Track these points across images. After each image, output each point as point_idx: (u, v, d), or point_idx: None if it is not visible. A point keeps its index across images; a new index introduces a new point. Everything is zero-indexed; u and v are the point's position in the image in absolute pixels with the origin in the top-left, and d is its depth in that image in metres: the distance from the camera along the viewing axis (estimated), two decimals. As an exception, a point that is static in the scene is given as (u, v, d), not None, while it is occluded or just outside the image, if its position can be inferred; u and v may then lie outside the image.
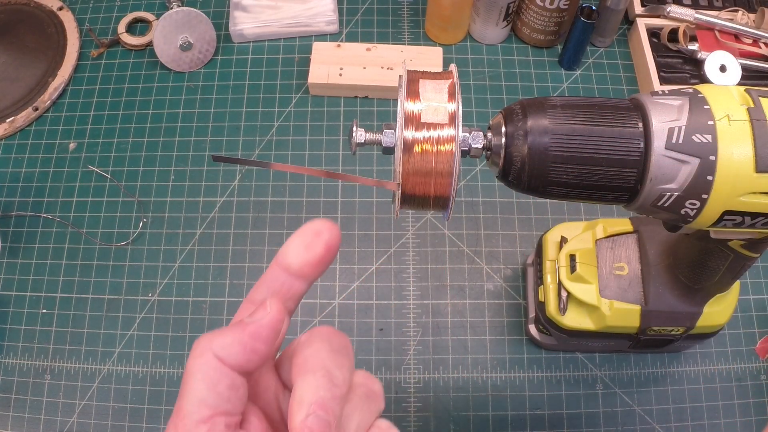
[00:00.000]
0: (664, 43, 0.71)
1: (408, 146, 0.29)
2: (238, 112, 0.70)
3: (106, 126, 0.70)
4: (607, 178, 0.29)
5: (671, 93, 0.30)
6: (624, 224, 0.51)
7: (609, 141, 0.29)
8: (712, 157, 0.28)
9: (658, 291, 0.47)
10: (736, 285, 0.47)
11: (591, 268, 0.49)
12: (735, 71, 0.68)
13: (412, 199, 0.30)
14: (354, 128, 0.30)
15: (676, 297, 0.47)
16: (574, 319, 0.50)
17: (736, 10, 0.72)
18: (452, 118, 0.29)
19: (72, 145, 0.69)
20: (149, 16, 0.75)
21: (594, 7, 0.66)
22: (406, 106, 0.29)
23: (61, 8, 0.76)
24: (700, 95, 0.29)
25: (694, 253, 0.42)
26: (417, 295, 0.61)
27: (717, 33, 0.70)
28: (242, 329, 0.24)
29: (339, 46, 0.71)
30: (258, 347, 0.24)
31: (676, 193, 0.29)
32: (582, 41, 0.68)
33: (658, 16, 0.72)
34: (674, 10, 0.70)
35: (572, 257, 0.50)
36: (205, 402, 0.23)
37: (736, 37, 0.70)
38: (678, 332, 0.49)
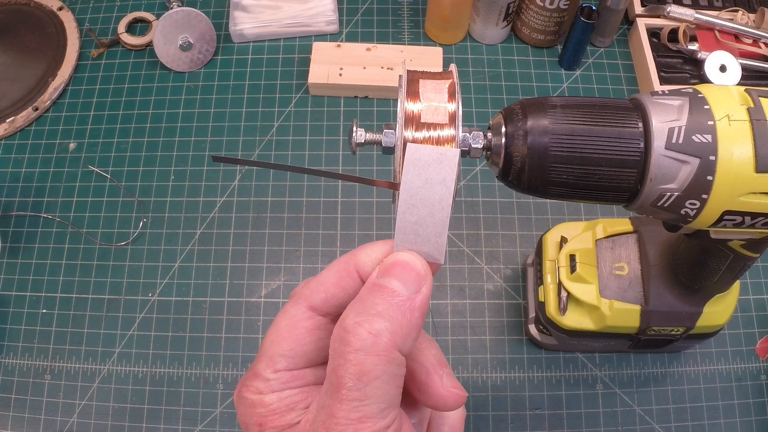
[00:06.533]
0: (664, 43, 0.71)
1: (408, 146, 0.28)
2: (238, 112, 0.70)
3: (106, 126, 0.70)
4: (607, 178, 0.29)
5: (671, 93, 0.30)
6: (624, 224, 0.51)
7: (609, 141, 0.29)
8: (712, 157, 0.28)
9: (658, 291, 0.47)
10: (736, 285, 0.47)
11: (591, 268, 0.49)
12: (735, 71, 0.68)
13: (412, 199, 0.30)
14: (354, 128, 0.30)
15: (676, 297, 0.47)
16: (574, 319, 0.50)
17: (736, 10, 0.72)
18: (452, 118, 0.29)
19: (72, 145, 0.69)
20: (149, 16, 0.75)
21: (594, 7, 0.66)
22: (406, 106, 0.29)
23: (61, 8, 0.76)
24: (700, 95, 0.29)
25: (694, 253, 0.42)
26: (417, 295, 0.61)
27: (717, 33, 0.70)
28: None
29: (339, 46, 0.71)
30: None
31: (676, 193, 0.29)
32: (582, 41, 0.68)
33: (658, 16, 0.72)
34: (674, 10, 0.70)
35: (572, 257, 0.50)
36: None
37: (736, 37, 0.70)
38: (678, 332, 0.49)
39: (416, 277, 0.25)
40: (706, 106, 0.29)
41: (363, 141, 0.31)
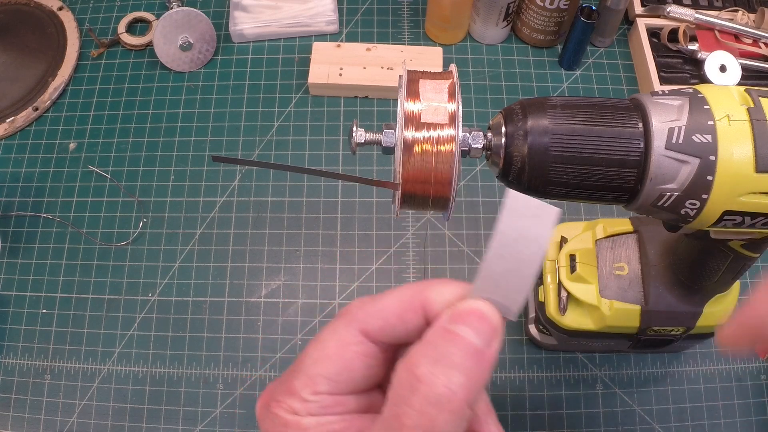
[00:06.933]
0: (664, 43, 0.71)
1: (408, 146, 0.29)
2: (238, 112, 0.70)
3: (106, 126, 0.70)
4: (607, 178, 0.29)
5: (671, 93, 0.30)
6: (624, 224, 0.51)
7: (609, 141, 0.29)
8: (712, 157, 0.28)
9: (658, 291, 0.47)
10: (736, 285, 0.47)
11: (591, 268, 0.49)
12: (735, 71, 0.68)
13: (412, 199, 0.30)
14: (354, 128, 0.30)
15: (676, 297, 0.47)
16: (574, 319, 0.50)
17: (736, 10, 0.72)
18: (452, 118, 0.29)
19: (72, 145, 0.69)
20: (149, 16, 0.75)
21: (594, 7, 0.66)
22: (406, 106, 0.29)
23: (61, 8, 0.76)
24: (700, 95, 0.29)
25: (694, 253, 0.42)
26: (417, 295, 0.61)
27: (717, 33, 0.70)
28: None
29: (339, 46, 0.71)
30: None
31: (676, 193, 0.29)
32: (582, 41, 0.68)
33: (658, 16, 0.72)
34: (674, 10, 0.70)
35: (572, 257, 0.50)
36: None
37: (736, 37, 0.70)
38: (678, 332, 0.49)
39: (490, 329, 0.24)
40: (706, 106, 0.29)
41: (363, 141, 0.31)
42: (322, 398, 0.24)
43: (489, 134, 0.31)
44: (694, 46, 0.69)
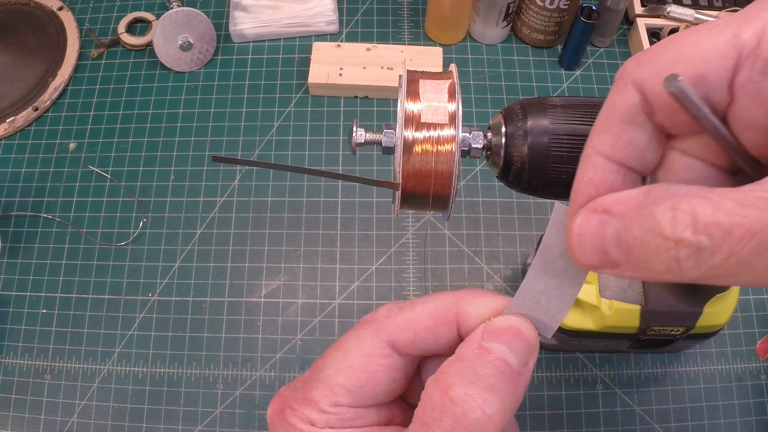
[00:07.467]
0: (664, 43, 0.71)
1: (408, 146, 0.29)
2: (238, 112, 0.70)
3: (106, 126, 0.70)
4: (607, 178, 0.29)
5: (671, 93, 0.30)
6: (624, 224, 0.50)
7: (609, 141, 0.29)
8: (712, 157, 0.28)
9: (658, 291, 0.47)
10: (736, 285, 0.47)
11: (591, 268, 0.49)
12: (735, 71, 0.68)
13: (412, 199, 0.30)
14: (354, 128, 0.30)
15: (676, 297, 0.47)
16: (574, 319, 0.50)
17: (736, 10, 0.72)
18: (452, 118, 0.29)
19: (72, 145, 0.69)
20: (149, 16, 0.75)
21: (594, 7, 0.66)
22: (406, 106, 0.29)
23: (61, 8, 0.76)
24: (700, 95, 0.29)
25: (694, 253, 0.42)
26: (417, 295, 0.61)
27: (717, 33, 0.70)
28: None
29: (339, 46, 0.71)
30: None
31: (676, 193, 0.29)
32: (582, 41, 0.68)
33: (658, 16, 0.72)
34: (674, 10, 0.70)
35: (572, 257, 0.49)
36: None
37: (736, 37, 0.70)
38: (678, 332, 0.49)
39: (526, 348, 0.23)
40: (706, 106, 0.29)
41: (363, 141, 0.31)
42: (342, 410, 0.23)
43: (489, 134, 0.31)
44: (694, 46, 0.69)
